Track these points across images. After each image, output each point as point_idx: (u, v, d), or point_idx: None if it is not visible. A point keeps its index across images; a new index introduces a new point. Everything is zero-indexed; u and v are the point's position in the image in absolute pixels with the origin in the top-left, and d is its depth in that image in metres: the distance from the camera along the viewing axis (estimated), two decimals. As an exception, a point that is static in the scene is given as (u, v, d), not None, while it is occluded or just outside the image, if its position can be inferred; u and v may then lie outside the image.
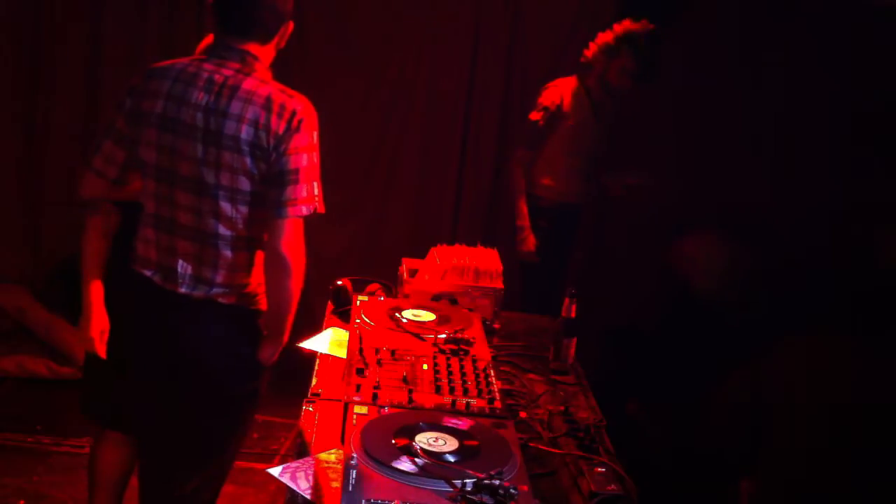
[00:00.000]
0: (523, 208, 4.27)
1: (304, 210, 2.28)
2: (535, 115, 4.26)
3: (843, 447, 2.83)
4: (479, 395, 2.23)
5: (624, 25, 4.18)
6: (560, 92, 4.26)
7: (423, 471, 1.78)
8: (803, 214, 4.63)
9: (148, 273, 2.40)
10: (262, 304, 2.42)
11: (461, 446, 1.90)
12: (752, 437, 3.05)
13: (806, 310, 4.06)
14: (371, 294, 3.05)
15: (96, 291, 2.59)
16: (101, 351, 2.59)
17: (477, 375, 2.34)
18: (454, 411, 2.14)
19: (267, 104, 2.25)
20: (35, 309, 4.77)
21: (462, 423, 2.01)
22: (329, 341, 2.76)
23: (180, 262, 2.35)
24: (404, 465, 1.79)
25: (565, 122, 4.25)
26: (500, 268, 3.10)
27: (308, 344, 2.73)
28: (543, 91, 4.29)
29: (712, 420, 3.78)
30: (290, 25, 2.41)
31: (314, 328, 2.86)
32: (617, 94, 4.29)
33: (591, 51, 4.26)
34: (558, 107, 4.23)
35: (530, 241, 4.26)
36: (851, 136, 4.57)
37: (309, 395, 2.37)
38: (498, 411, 2.17)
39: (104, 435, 2.94)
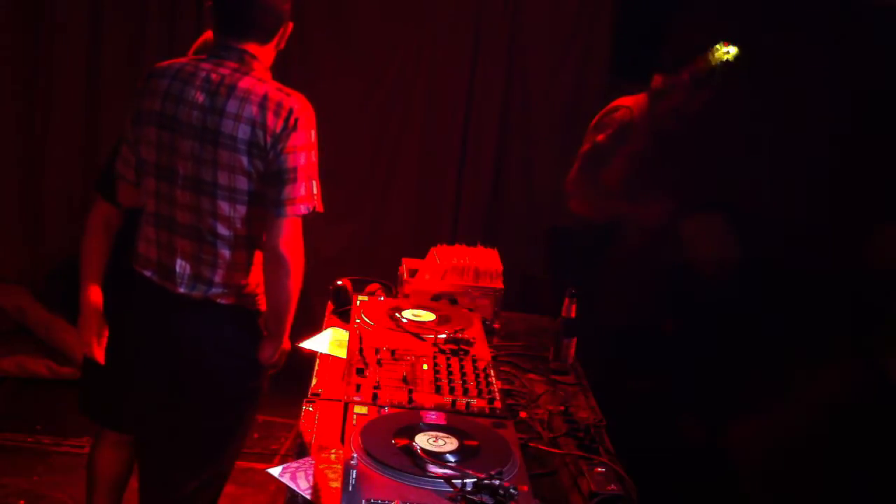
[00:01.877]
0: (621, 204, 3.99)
1: (303, 209, 2.28)
2: (601, 137, 3.94)
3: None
4: (479, 395, 2.23)
5: (716, 54, 3.91)
6: (631, 113, 3.96)
7: (422, 470, 1.78)
8: (803, 214, 4.64)
9: (147, 273, 2.40)
10: (262, 305, 2.42)
11: (461, 446, 1.90)
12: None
13: (804, 308, 4.08)
14: (371, 294, 3.05)
15: (94, 295, 2.58)
16: (100, 356, 2.59)
17: (477, 375, 2.34)
18: (455, 411, 2.14)
19: (264, 102, 2.25)
20: (35, 309, 4.77)
21: (437, 417, 2.01)
22: (329, 341, 2.76)
23: (178, 261, 2.35)
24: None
25: (628, 145, 3.96)
26: (500, 268, 3.10)
27: (308, 344, 2.73)
28: (613, 113, 3.98)
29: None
30: (290, 26, 2.42)
31: (314, 328, 2.86)
32: (686, 118, 4.00)
33: (667, 80, 3.95)
34: (626, 129, 3.93)
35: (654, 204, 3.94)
36: (851, 136, 4.58)
37: (309, 395, 2.37)
38: (498, 411, 2.17)
39: (103, 435, 2.94)
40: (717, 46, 3.88)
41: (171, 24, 4.76)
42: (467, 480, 1.73)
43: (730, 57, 3.88)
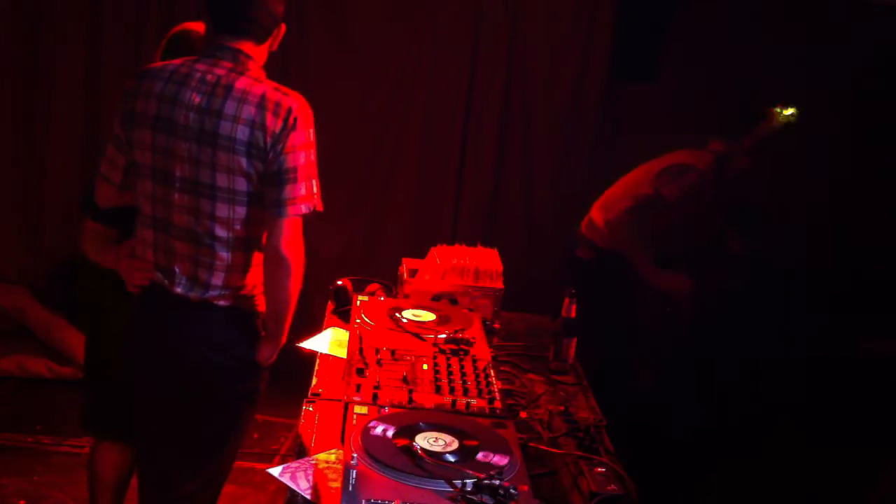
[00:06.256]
0: (650, 265, 3.84)
1: (304, 209, 2.27)
2: (669, 194, 3.80)
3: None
4: (479, 395, 2.23)
5: (778, 118, 3.83)
6: (703, 180, 3.83)
7: (422, 470, 1.78)
8: (802, 214, 4.65)
9: None
10: (260, 306, 2.42)
11: (461, 446, 1.90)
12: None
13: (801, 309, 4.11)
14: (371, 294, 3.05)
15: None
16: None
17: (477, 375, 2.34)
18: (455, 411, 2.14)
19: (262, 103, 2.24)
20: (35, 309, 4.77)
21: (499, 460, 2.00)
22: (329, 341, 2.75)
23: (176, 263, 2.34)
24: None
25: (686, 207, 3.86)
26: (500, 268, 3.10)
27: (308, 344, 2.73)
28: (687, 173, 3.82)
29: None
30: (283, 28, 2.41)
31: (314, 328, 2.86)
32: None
33: (729, 146, 3.88)
34: (695, 194, 3.83)
35: (679, 278, 3.86)
36: (851, 135, 4.59)
37: (309, 395, 2.37)
38: (498, 411, 2.17)
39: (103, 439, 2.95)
40: (777, 110, 3.81)
41: (171, 23, 4.75)
42: (467, 480, 1.73)
43: (790, 118, 3.81)
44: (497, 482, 1.70)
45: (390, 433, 1.92)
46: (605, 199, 3.95)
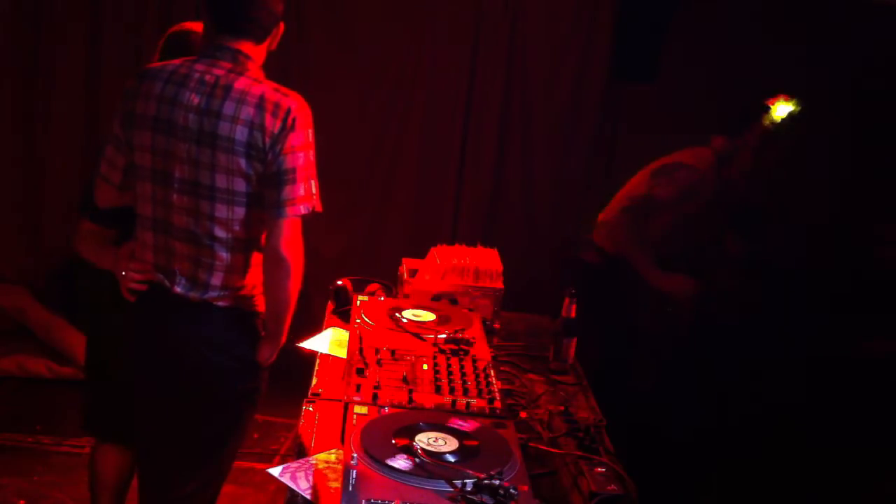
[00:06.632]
0: (651, 266, 3.79)
1: (303, 209, 2.27)
2: (662, 193, 3.75)
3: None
4: (479, 395, 2.23)
5: (777, 110, 3.75)
6: (700, 178, 3.78)
7: (423, 470, 1.78)
8: (802, 214, 4.65)
9: None
10: (260, 306, 2.42)
11: (461, 446, 1.90)
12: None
13: (801, 309, 4.11)
14: (371, 294, 3.05)
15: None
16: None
17: (477, 375, 2.34)
18: (454, 411, 2.14)
19: (261, 104, 2.23)
20: (35, 309, 4.77)
21: (467, 425, 2.01)
22: (329, 341, 2.75)
23: (176, 264, 2.34)
24: (400, 462, 1.79)
25: (685, 206, 3.80)
26: (500, 268, 3.10)
27: (308, 344, 2.73)
28: (681, 171, 3.77)
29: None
30: (282, 27, 2.41)
31: (314, 328, 2.86)
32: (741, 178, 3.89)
33: (729, 143, 3.83)
34: (691, 192, 3.77)
35: (680, 279, 3.83)
36: (851, 135, 4.59)
37: (309, 395, 2.37)
38: (498, 411, 2.17)
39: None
40: (779, 103, 3.75)
41: (170, 23, 4.75)
42: (467, 480, 1.73)
43: (792, 110, 3.75)
44: (497, 482, 1.70)
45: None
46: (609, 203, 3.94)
